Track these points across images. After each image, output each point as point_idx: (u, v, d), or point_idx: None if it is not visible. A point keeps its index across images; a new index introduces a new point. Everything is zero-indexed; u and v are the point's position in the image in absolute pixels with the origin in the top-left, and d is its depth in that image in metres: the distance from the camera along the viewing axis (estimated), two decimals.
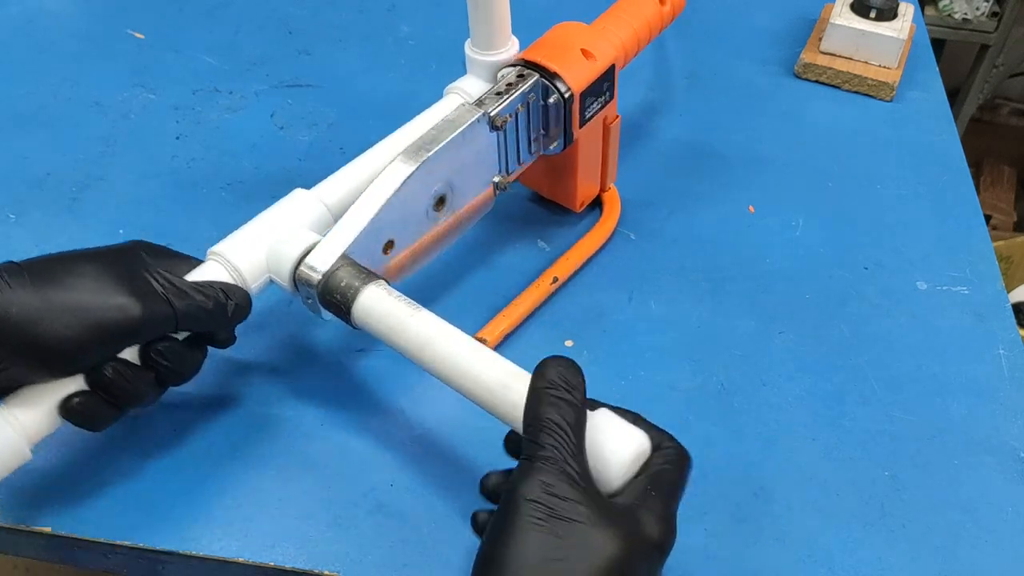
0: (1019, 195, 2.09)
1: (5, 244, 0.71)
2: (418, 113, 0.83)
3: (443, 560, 0.53)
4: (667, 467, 0.44)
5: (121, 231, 0.72)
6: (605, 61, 0.63)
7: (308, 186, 0.76)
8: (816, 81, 0.88)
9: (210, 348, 0.55)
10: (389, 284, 0.53)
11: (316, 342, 0.64)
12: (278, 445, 0.58)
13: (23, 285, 0.44)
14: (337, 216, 0.58)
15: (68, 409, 0.47)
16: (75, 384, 0.48)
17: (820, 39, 0.88)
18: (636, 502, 0.42)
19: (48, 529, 0.53)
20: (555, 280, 0.67)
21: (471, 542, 0.53)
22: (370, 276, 0.52)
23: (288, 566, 0.52)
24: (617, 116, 0.68)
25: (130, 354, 0.49)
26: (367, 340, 0.62)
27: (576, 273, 0.69)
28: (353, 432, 0.59)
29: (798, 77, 0.88)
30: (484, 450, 0.58)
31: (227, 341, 0.54)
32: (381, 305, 0.51)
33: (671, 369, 0.63)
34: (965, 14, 1.78)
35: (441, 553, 0.53)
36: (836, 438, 0.59)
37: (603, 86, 0.64)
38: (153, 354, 0.49)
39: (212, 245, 0.70)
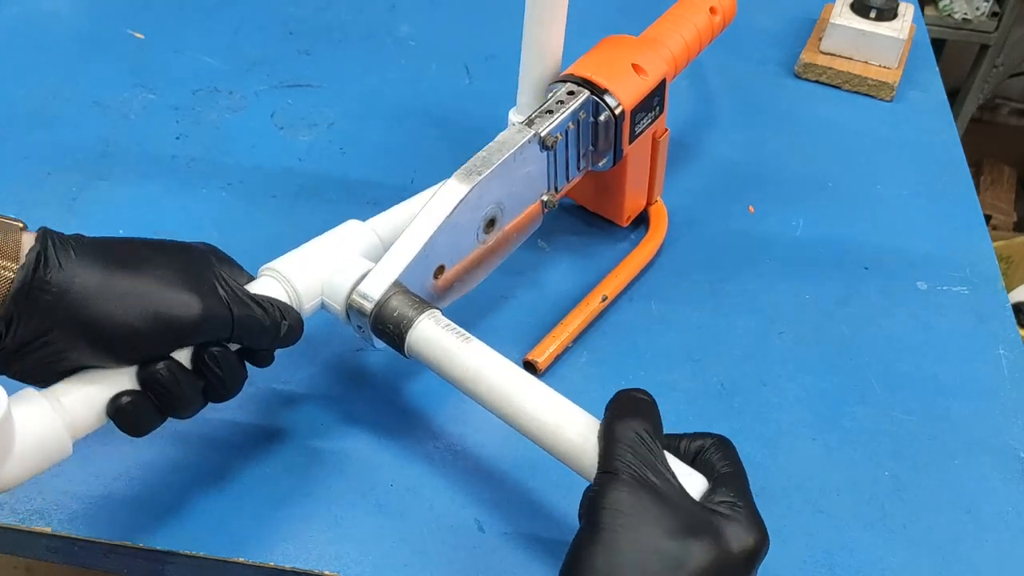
0: (1019, 195, 2.09)
1: None
2: (417, 114, 0.84)
3: (443, 560, 0.53)
4: (726, 464, 0.44)
5: (121, 231, 0.72)
6: (656, 76, 0.62)
7: (306, 185, 0.76)
8: (816, 81, 0.88)
9: None
10: (441, 311, 0.52)
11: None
12: (287, 448, 0.58)
13: (88, 260, 0.43)
14: (388, 245, 0.56)
15: (117, 408, 0.45)
16: (126, 382, 0.46)
17: (820, 39, 0.88)
18: (724, 512, 0.42)
19: (48, 529, 0.53)
20: (604, 299, 0.65)
21: (471, 542, 0.53)
22: (423, 306, 0.51)
23: (288, 566, 0.52)
24: (666, 130, 0.66)
25: (183, 359, 0.47)
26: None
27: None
28: (356, 433, 0.59)
29: (798, 77, 0.88)
30: (488, 450, 0.58)
31: (265, 360, 0.52)
32: (434, 337, 0.50)
33: (671, 369, 0.63)
34: (965, 14, 1.78)
35: (441, 553, 0.53)
36: (836, 438, 0.59)
37: (653, 101, 0.62)
38: (207, 358, 0.47)
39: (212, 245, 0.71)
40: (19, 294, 0.41)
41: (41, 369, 0.44)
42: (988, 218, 1.81)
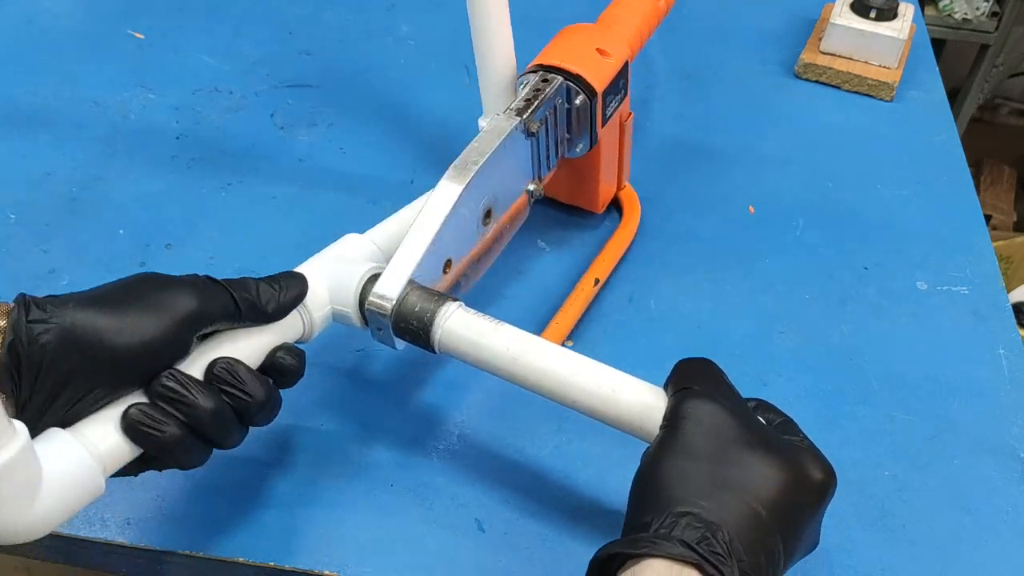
0: (1019, 195, 2.09)
1: (5, 244, 0.71)
2: (417, 114, 0.84)
3: (444, 560, 0.53)
4: (777, 416, 0.46)
5: (121, 231, 0.72)
6: (620, 58, 0.64)
7: (306, 185, 0.76)
8: (816, 81, 0.88)
9: None
10: (462, 301, 0.51)
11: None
12: (286, 449, 0.58)
13: (74, 300, 0.42)
14: (388, 253, 0.57)
15: (128, 423, 0.43)
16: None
17: (820, 39, 0.88)
18: (796, 443, 0.44)
19: None
20: (597, 281, 0.66)
21: (471, 542, 0.53)
22: (443, 298, 0.51)
23: (288, 566, 0.52)
24: (631, 112, 0.68)
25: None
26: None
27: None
28: (356, 434, 0.59)
29: (798, 77, 0.88)
30: (488, 450, 0.58)
31: (289, 371, 0.49)
32: (466, 325, 0.49)
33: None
34: (965, 14, 1.78)
35: (442, 553, 0.53)
36: (836, 438, 0.59)
37: (620, 83, 0.64)
38: (217, 372, 0.45)
39: (212, 246, 0.71)
40: (18, 326, 0.40)
41: (75, 412, 0.42)
42: (988, 218, 1.81)
